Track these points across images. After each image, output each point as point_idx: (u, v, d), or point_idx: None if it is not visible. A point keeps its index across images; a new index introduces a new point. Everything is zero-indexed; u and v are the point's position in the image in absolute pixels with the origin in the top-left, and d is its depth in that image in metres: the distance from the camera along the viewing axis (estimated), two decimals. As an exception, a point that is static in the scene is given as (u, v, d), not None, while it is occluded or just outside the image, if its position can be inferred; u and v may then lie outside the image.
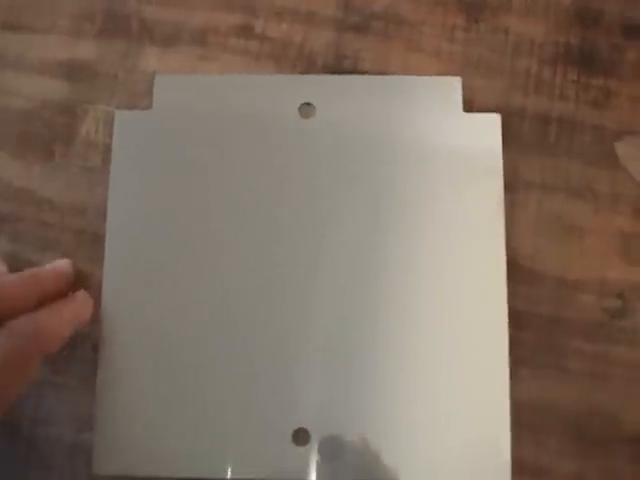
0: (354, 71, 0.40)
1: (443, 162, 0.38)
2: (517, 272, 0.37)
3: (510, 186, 0.38)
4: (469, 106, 0.39)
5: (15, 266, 0.36)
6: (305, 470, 0.35)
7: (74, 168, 0.39)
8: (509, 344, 0.36)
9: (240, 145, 0.38)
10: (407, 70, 0.40)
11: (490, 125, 0.38)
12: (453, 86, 0.39)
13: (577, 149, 0.39)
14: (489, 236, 0.37)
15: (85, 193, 0.38)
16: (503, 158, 0.38)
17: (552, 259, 0.37)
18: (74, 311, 0.35)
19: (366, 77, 0.39)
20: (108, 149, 0.39)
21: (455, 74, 0.39)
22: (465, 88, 0.39)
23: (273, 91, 0.39)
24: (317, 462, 0.35)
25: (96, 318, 0.36)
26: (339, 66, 0.40)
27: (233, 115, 0.39)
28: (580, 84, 0.39)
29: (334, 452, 0.35)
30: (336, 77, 0.39)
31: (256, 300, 0.36)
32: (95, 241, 0.38)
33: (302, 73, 0.40)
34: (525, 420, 0.36)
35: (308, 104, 0.39)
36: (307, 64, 0.40)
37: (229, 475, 0.35)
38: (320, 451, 0.35)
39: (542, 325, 0.37)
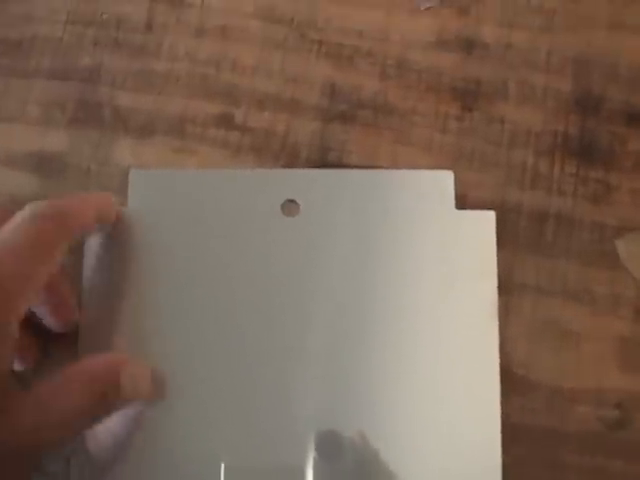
0: (340, 164, 0.38)
1: (433, 262, 0.36)
2: (510, 381, 0.35)
3: (504, 288, 0.36)
4: (462, 201, 0.37)
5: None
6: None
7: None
8: (501, 459, 0.34)
9: (220, 246, 0.36)
10: (396, 163, 0.38)
11: (484, 223, 0.37)
12: (445, 181, 0.37)
13: (575, 248, 0.37)
14: (481, 342, 0.36)
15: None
16: (497, 258, 0.36)
17: (547, 367, 0.36)
18: (99, 202, 0.34)
19: (352, 172, 0.37)
20: (79, 250, 0.36)
21: (447, 167, 0.37)
22: (458, 182, 0.37)
23: (255, 187, 0.37)
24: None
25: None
26: (324, 159, 0.38)
27: (212, 214, 0.37)
28: (579, 177, 0.37)
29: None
30: (321, 172, 0.38)
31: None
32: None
33: (285, 166, 0.38)
34: None
35: (291, 201, 0.36)
36: (290, 157, 0.38)
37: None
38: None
39: (536, 438, 0.35)
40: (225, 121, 0.38)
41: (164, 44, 0.39)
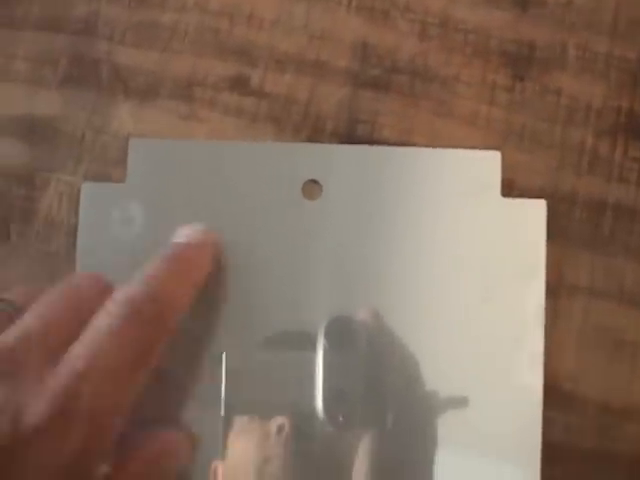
0: (370, 139, 0.33)
1: (474, 256, 0.32)
2: (554, 395, 0.32)
3: (552, 288, 0.32)
4: (509, 186, 0.32)
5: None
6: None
7: (33, 252, 0.33)
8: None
9: (229, 228, 0.32)
10: (435, 139, 0.33)
11: (533, 214, 0.32)
12: (491, 163, 0.32)
13: (636, 245, 0.32)
14: (524, 350, 0.32)
15: (47, 283, 0.32)
16: (546, 254, 0.32)
17: (597, 380, 0.32)
18: (194, 263, 0.30)
19: (384, 149, 0.33)
20: (74, 230, 0.32)
21: (493, 146, 0.33)
22: (505, 164, 0.32)
23: (272, 164, 0.32)
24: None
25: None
26: (352, 132, 0.33)
27: (222, 192, 0.32)
28: (644, 163, 0.32)
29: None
30: (348, 148, 0.33)
31: None
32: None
33: (307, 140, 0.33)
34: None
35: (314, 181, 0.32)
36: (314, 129, 0.33)
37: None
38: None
39: (580, 460, 0.32)
40: (239, 84, 0.33)
41: (170, -9, 0.34)
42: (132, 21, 0.34)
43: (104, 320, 0.25)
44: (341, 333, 0.31)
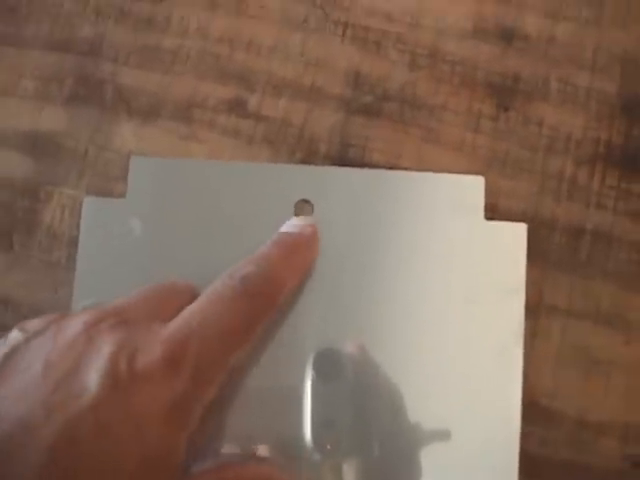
0: (361, 162, 0.34)
1: (457, 275, 0.33)
2: (532, 410, 0.33)
3: (532, 309, 0.33)
4: (492, 210, 0.34)
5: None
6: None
7: (35, 262, 0.34)
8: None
9: (224, 246, 0.33)
10: (422, 164, 0.34)
11: (514, 237, 0.34)
12: (475, 187, 0.34)
13: (612, 269, 0.34)
14: (504, 367, 0.33)
15: (47, 293, 0.33)
16: (527, 276, 0.33)
17: (573, 397, 0.33)
18: (303, 253, 0.32)
19: (373, 171, 0.34)
20: (75, 242, 0.33)
21: (477, 172, 0.34)
22: (488, 189, 0.34)
23: (266, 184, 0.34)
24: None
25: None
26: (344, 155, 0.34)
27: (218, 210, 0.34)
28: (621, 191, 0.34)
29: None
30: (339, 170, 0.34)
31: None
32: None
33: (301, 161, 0.34)
34: None
35: (305, 201, 0.33)
36: (307, 151, 0.35)
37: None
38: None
39: (556, 472, 0.33)
40: (237, 107, 0.35)
41: (174, 17, 0.36)
42: (136, 44, 0.36)
43: (219, 288, 0.28)
44: (329, 365, 0.32)
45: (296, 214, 0.33)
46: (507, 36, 0.36)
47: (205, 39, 0.36)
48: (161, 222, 0.34)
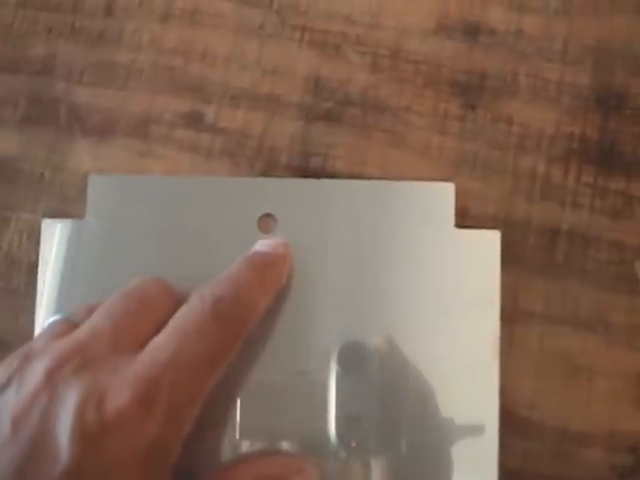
0: (323, 171, 0.33)
1: (428, 286, 0.32)
2: (511, 421, 0.32)
3: (507, 316, 0.32)
4: (462, 215, 0.33)
5: None
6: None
7: (-6, 289, 0.33)
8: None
9: (187, 263, 0.32)
10: (388, 170, 0.33)
11: (487, 244, 0.33)
12: (444, 195, 0.33)
13: (590, 270, 0.32)
14: (480, 378, 0.32)
15: (7, 322, 0.33)
16: (501, 281, 0.32)
17: (554, 407, 0.32)
18: (276, 273, 0.31)
19: (338, 182, 0.33)
20: (34, 267, 0.33)
21: (446, 175, 0.33)
22: (458, 193, 0.32)
23: (227, 198, 0.33)
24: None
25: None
26: (306, 165, 0.33)
27: (179, 226, 0.33)
28: (597, 188, 0.33)
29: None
30: (302, 182, 0.33)
31: None
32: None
33: (262, 173, 0.33)
34: None
35: (268, 215, 0.32)
36: (268, 162, 0.34)
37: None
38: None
39: (539, 486, 0.31)
40: (194, 120, 0.34)
41: (126, 31, 0.35)
42: (89, 61, 0.35)
43: (188, 314, 0.26)
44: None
45: (260, 228, 0.32)
46: (472, 31, 0.34)
47: (159, 52, 0.35)
48: (122, 241, 0.33)
